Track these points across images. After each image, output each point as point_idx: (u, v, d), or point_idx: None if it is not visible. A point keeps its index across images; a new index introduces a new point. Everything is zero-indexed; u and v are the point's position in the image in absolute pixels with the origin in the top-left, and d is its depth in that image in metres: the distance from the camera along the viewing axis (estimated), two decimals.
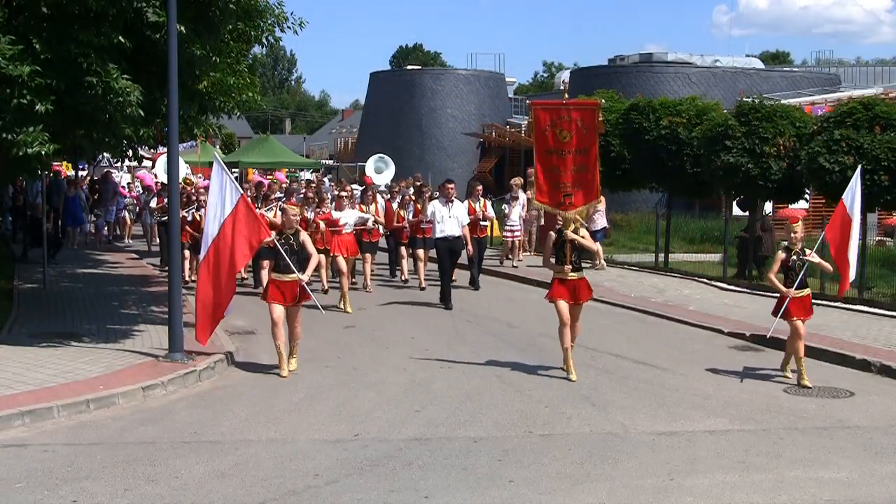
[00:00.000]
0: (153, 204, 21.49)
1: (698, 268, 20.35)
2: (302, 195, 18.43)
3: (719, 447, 8.11)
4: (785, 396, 10.00)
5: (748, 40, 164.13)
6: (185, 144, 28.02)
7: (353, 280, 16.93)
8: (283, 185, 23.87)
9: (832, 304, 15.44)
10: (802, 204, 23.85)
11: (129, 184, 32.33)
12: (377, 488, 6.95)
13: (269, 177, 31.60)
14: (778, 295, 10.74)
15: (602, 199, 20.54)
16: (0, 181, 18.69)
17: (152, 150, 26.55)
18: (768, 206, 22.74)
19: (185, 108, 11.88)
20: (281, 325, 10.64)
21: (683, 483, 7.16)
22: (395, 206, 18.28)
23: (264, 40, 13.48)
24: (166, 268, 17.93)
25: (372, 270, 17.91)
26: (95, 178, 29.14)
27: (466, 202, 17.26)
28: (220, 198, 10.57)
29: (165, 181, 22.01)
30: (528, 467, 7.45)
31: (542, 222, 20.76)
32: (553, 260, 10.68)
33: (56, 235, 21.42)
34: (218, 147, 50.07)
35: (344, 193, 16.82)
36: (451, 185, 16.51)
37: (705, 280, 18.79)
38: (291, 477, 7.19)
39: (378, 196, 19.34)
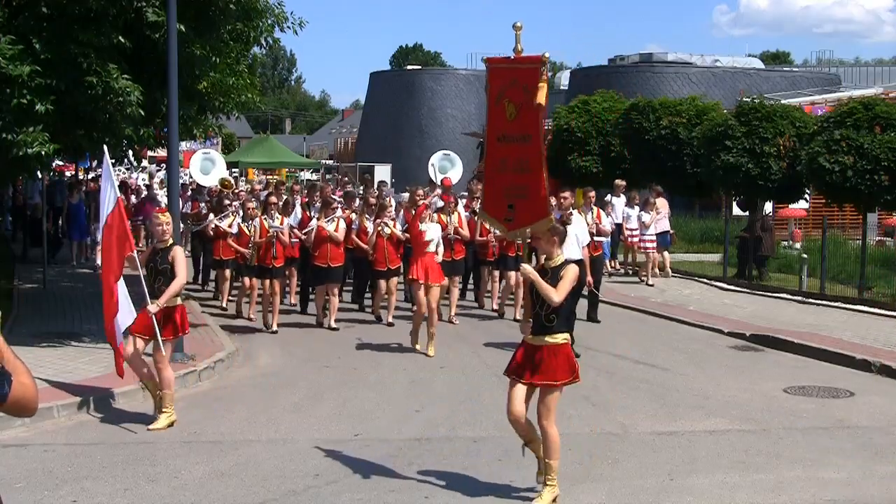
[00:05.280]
0: (187, 209, 17.77)
1: (698, 268, 20.36)
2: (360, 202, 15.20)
3: (719, 447, 8.10)
4: (785, 396, 9.99)
5: (748, 40, 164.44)
6: (195, 143, 27.55)
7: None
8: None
9: (832, 304, 15.44)
10: (802, 204, 23.84)
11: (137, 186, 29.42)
12: (377, 488, 6.95)
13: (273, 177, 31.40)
14: None
15: (665, 202, 19.55)
16: (0, 181, 18.67)
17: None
18: (768, 206, 22.72)
19: (184, 108, 11.88)
20: (137, 359, 8.67)
21: (683, 483, 7.16)
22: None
23: (263, 41, 13.47)
24: (204, 287, 17.02)
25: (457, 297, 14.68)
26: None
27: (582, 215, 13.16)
28: (104, 201, 9.19)
29: (202, 182, 20.12)
30: (528, 467, 7.42)
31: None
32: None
33: (56, 236, 21.31)
34: (218, 147, 50.13)
35: (424, 200, 12.90)
36: (567, 195, 12.59)
37: (705, 280, 18.79)
38: (291, 477, 7.18)
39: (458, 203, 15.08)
